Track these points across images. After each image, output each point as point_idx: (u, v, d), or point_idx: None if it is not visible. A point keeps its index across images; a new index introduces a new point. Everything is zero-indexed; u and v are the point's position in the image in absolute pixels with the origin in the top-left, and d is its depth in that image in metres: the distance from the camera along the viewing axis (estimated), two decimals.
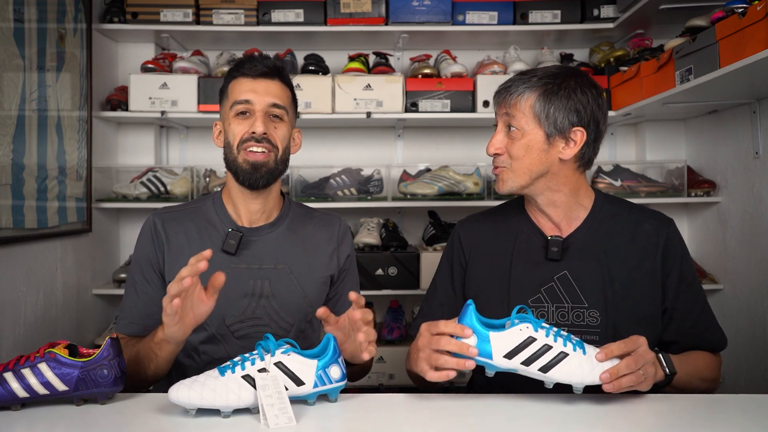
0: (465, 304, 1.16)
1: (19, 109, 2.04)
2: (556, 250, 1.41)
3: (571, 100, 1.36)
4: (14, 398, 1.13)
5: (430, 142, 3.09)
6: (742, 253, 2.50)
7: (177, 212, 1.54)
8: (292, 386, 1.13)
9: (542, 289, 1.41)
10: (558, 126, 1.36)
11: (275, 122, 1.47)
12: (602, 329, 1.36)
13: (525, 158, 1.38)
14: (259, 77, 1.46)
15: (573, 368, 1.11)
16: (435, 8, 2.74)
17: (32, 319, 2.13)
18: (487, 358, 1.12)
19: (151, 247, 1.49)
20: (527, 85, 1.37)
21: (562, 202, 1.43)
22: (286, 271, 1.48)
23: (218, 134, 1.54)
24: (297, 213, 1.59)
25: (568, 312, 1.39)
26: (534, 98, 1.36)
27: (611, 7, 2.78)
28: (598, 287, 1.39)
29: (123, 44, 2.99)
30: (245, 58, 1.50)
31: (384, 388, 2.68)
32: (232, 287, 1.43)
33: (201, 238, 1.48)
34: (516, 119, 1.37)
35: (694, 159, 2.88)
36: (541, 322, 1.14)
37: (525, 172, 1.38)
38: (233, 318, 1.45)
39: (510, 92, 1.39)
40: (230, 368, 1.13)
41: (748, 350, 2.40)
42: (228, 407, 1.10)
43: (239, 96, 1.45)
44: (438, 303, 1.56)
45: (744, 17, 1.80)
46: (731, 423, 1.12)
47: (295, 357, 1.14)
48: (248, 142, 1.43)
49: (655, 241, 1.43)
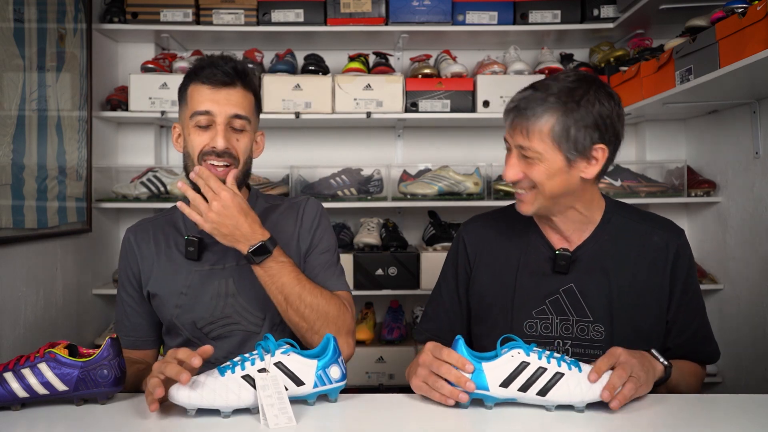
0: (455, 339, 1.15)
1: (19, 109, 2.04)
2: (563, 263, 1.38)
3: (591, 115, 1.27)
4: (14, 398, 1.12)
5: (430, 142, 3.09)
6: (742, 253, 2.50)
7: (148, 223, 1.55)
8: (292, 386, 1.13)
9: (547, 301, 1.39)
10: (579, 147, 1.28)
11: (237, 134, 1.41)
12: (606, 344, 1.31)
13: (547, 183, 1.30)
14: (219, 86, 1.38)
15: (571, 388, 1.11)
16: (435, 8, 2.74)
17: (32, 319, 2.13)
18: (483, 389, 1.12)
19: (127, 262, 1.52)
20: (544, 106, 1.27)
21: (575, 216, 1.40)
22: (248, 266, 1.42)
23: (177, 137, 1.48)
24: (262, 207, 1.55)
25: (573, 325, 1.37)
26: (553, 121, 1.27)
27: (611, 7, 2.78)
28: (603, 301, 1.36)
29: (123, 44, 2.99)
30: (204, 62, 1.41)
31: (384, 388, 2.68)
32: (199, 290, 1.45)
33: (168, 247, 1.49)
34: (533, 146, 1.28)
35: (694, 159, 2.88)
36: (532, 346, 1.14)
37: (548, 196, 1.32)
38: (204, 321, 1.44)
39: (526, 115, 1.28)
40: (230, 368, 1.13)
41: (748, 350, 2.40)
42: (228, 407, 1.09)
43: (199, 106, 1.38)
44: (443, 308, 1.54)
45: (744, 17, 1.80)
46: (731, 423, 1.11)
47: (294, 357, 1.14)
48: (209, 156, 1.38)
49: (664, 255, 1.39)
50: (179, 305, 1.44)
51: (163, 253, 1.49)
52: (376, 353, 2.68)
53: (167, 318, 1.46)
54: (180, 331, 1.46)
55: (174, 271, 1.47)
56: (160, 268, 1.48)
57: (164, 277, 1.47)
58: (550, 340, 1.37)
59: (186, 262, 1.47)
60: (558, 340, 1.37)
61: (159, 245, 1.50)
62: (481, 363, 1.12)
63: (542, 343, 1.35)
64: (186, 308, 1.44)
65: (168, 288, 1.46)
